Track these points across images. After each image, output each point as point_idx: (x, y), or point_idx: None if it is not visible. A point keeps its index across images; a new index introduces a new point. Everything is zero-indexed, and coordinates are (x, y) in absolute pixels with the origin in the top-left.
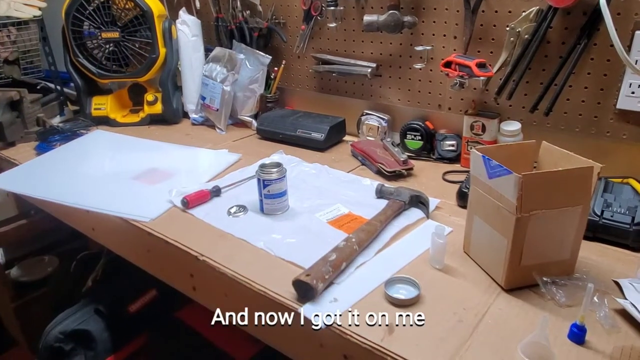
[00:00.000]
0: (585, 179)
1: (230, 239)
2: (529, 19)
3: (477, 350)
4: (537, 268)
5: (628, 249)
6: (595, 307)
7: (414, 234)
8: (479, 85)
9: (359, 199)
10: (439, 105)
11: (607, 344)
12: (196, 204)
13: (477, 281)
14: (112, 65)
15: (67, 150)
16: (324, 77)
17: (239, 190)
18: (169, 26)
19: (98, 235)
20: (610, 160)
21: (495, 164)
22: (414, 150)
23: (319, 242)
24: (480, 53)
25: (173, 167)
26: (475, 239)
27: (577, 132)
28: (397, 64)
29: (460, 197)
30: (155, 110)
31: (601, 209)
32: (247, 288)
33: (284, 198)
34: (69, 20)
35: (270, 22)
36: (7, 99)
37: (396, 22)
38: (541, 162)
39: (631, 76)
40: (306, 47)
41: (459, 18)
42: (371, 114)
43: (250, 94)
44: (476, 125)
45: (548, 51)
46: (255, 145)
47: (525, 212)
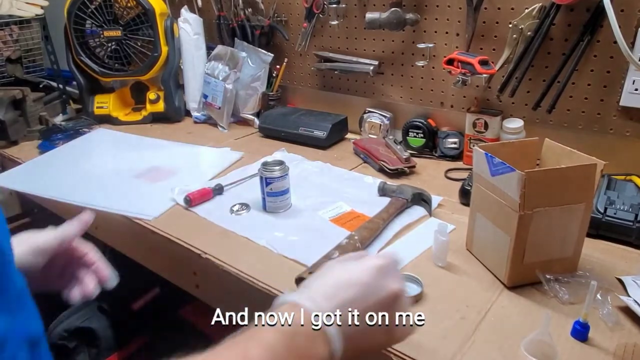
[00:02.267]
0: (588, 176)
1: (233, 237)
2: (532, 16)
3: (480, 347)
4: (540, 265)
5: (631, 246)
6: (599, 305)
7: (416, 231)
8: (482, 83)
9: (361, 197)
10: (442, 103)
11: (610, 341)
12: (199, 202)
13: (480, 279)
14: (114, 64)
15: (70, 149)
16: (326, 75)
17: (242, 188)
18: (171, 24)
19: (101, 234)
20: (613, 158)
21: (498, 162)
22: (416, 147)
23: (322, 239)
24: (483, 50)
25: (175, 165)
26: (477, 237)
27: (580, 129)
28: (399, 61)
29: (462, 194)
30: (157, 109)
31: (604, 206)
32: (250, 286)
33: (286, 196)
34: (71, 19)
35: (272, 20)
36: (9, 97)
37: (398, 20)
38: (544, 160)
39: (634, 73)
40: (308, 44)
41: (462, 15)
42: (373, 112)
43: (252, 92)
44: (479, 123)
45: (551, 48)
46: (258, 143)
47: (528, 210)
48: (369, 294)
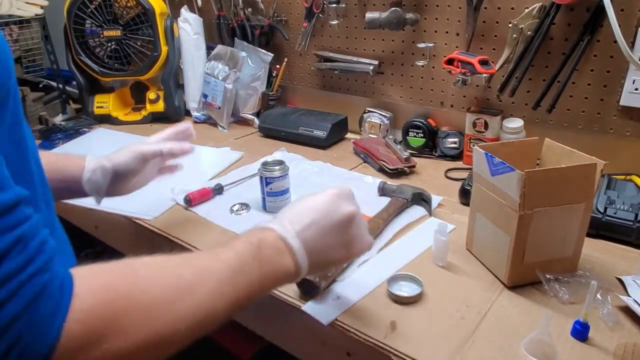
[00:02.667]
0: (588, 176)
1: (232, 237)
2: (532, 16)
3: (480, 347)
4: (540, 265)
5: (631, 246)
6: (599, 305)
7: (416, 231)
8: (482, 83)
9: (361, 197)
10: (442, 103)
11: (610, 341)
12: (199, 201)
13: (480, 278)
14: (114, 64)
15: (70, 149)
16: (325, 75)
17: (242, 188)
18: (171, 24)
19: (101, 234)
20: (613, 157)
21: (498, 161)
22: (416, 147)
23: None
24: (483, 50)
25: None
26: (477, 237)
27: (580, 129)
28: (399, 61)
29: (462, 194)
30: (157, 109)
31: (604, 206)
32: None
33: (286, 196)
34: (70, 19)
35: (272, 19)
36: None
37: (398, 19)
38: (544, 159)
39: (635, 73)
40: (308, 44)
41: (462, 15)
42: (373, 112)
43: (252, 92)
44: (479, 123)
45: (551, 48)
46: (258, 143)
47: (528, 210)
48: (326, 216)
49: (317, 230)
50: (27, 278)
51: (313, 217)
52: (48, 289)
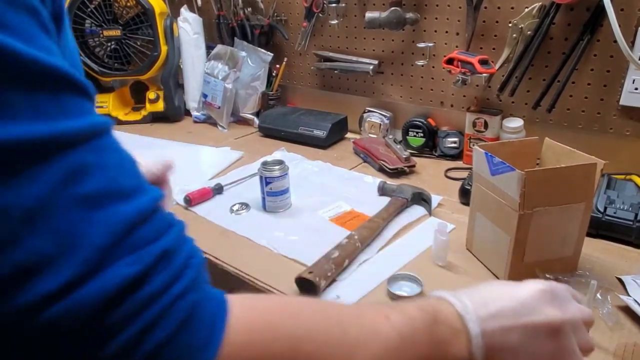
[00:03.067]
0: (588, 176)
1: (232, 237)
2: (532, 15)
3: None
4: (540, 265)
5: (631, 246)
6: (599, 304)
7: (416, 231)
8: (482, 82)
9: (361, 197)
10: (442, 102)
11: (610, 340)
12: (198, 201)
13: (480, 278)
14: (113, 63)
15: None
16: (325, 75)
17: (241, 187)
18: (171, 24)
19: None
20: (613, 157)
21: (498, 161)
22: (416, 147)
23: (322, 239)
24: (483, 50)
25: (175, 164)
26: (477, 236)
27: (580, 129)
28: (399, 61)
29: (462, 194)
30: (157, 108)
31: (604, 206)
32: (250, 286)
33: (286, 195)
34: (70, 18)
35: (271, 19)
36: None
37: (398, 19)
38: (544, 159)
39: (634, 72)
40: (308, 44)
41: (462, 14)
42: (373, 111)
43: (252, 92)
44: (478, 122)
45: (551, 47)
46: (257, 142)
47: (528, 209)
48: (522, 312)
49: (505, 325)
50: (174, 299)
51: (503, 307)
52: (199, 312)
